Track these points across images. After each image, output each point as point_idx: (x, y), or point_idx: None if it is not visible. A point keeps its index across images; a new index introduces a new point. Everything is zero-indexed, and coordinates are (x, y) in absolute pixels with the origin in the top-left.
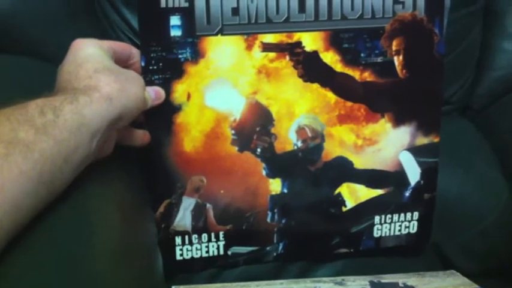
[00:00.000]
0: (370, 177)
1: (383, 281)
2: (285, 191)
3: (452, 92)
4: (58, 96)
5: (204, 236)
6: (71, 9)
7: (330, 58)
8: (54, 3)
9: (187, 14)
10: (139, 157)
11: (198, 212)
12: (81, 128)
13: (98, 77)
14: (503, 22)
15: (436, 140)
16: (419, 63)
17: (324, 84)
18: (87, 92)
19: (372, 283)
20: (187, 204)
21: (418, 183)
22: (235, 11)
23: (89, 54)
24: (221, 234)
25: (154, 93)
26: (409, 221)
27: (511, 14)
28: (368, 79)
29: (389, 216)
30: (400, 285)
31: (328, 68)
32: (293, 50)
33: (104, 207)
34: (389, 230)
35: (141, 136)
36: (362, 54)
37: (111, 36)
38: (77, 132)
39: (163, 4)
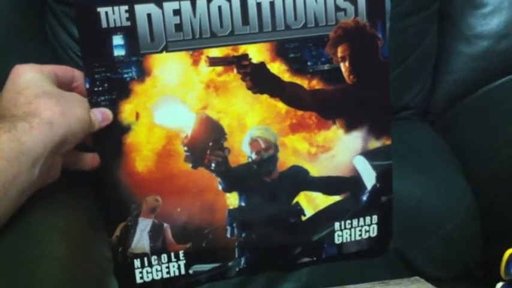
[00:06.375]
0: (326, 184)
1: None
2: (243, 204)
3: (411, 96)
4: None
5: (164, 257)
6: (18, 34)
7: (277, 68)
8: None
9: (130, 32)
10: (91, 181)
11: (156, 232)
12: (20, 157)
13: (38, 102)
14: (458, 25)
15: (388, 142)
16: (366, 68)
17: (273, 94)
18: (26, 118)
19: None
20: (144, 226)
21: (374, 186)
22: (179, 27)
23: (28, 80)
24: (181, 253)
25: (101, 115)
26: (369, 225)
27: (465, 17)
28: (316, 87)
29: (348, 221)
30: None
31: (276, 79)
32: (240, 63)
33: (48, 238)
34: (350, 235)
35: (90, 159)
36: (309, 63)
37: (63, 58)
38: (15, 161)
39: (104, 24)
